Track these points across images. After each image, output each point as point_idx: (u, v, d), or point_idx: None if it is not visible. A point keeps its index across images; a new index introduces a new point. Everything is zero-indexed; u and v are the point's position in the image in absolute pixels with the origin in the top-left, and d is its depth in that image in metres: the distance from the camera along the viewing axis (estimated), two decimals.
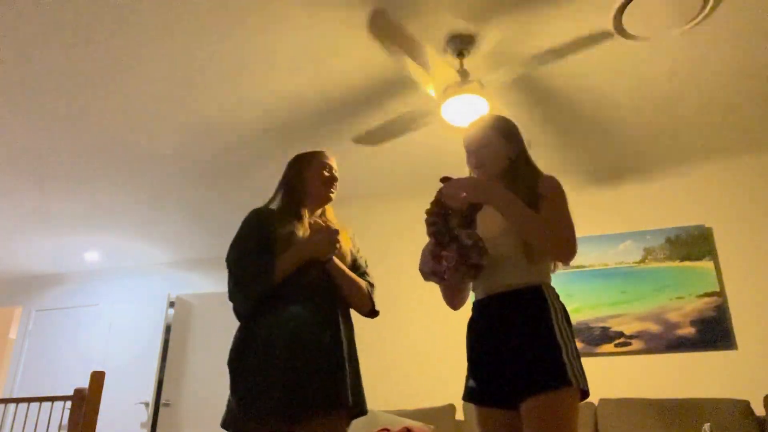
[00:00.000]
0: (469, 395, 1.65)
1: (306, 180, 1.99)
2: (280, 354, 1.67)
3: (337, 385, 1.70)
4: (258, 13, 2.64)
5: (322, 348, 1.73)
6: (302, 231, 1.88)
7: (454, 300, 1.76)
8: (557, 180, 1.66)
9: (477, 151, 1.75)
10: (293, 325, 1.73)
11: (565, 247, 1.56)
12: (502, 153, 1.73)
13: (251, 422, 1.65)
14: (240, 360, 1.74)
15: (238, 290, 1.79)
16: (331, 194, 2.02)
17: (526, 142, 1.79)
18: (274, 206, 1.97)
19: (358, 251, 2.06)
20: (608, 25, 2.66)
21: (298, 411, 1.64)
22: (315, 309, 1.78)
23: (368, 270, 2.05)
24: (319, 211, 2.04)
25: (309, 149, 2.10)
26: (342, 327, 1.83)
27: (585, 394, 1.54)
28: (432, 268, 1.61)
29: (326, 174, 2.00)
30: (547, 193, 1.61)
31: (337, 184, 2.04)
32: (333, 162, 2.05)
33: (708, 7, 2.55)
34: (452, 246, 1.58)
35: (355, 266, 1.99)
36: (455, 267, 1.56)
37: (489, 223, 1.65)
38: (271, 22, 2.69)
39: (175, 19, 2.66)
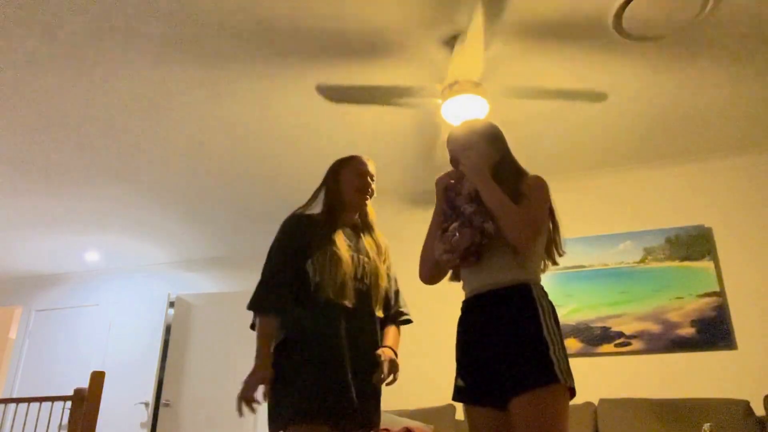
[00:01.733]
0: (458, 394, 1.66)
1: (340, 187, 1.99)
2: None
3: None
4: None
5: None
6: (338, 238, 1.89)
7: (427, 265, 1.77)
8: (542, 179, 1.68)
9: (460, 154, 1.77)
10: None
11: (518, 231, 1.56)
12: (485, 156, 1.74)
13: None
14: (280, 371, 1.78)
15: (253, 307, 1.84)
16: (364, 201, 2.01)
17: None
18: (313, 211, 1.99)
19: (393, 278, 2.07)
20: (609, 24, 2.66)
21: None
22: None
23: (399, 294, 2.10)
24: (356, 218, 2.04)
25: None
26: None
27: (572, 392, 1.54)
28: (443, 248, 1.64)
29: (358, 181, 1.99)
30: (528, 191, 1.64)
31: (373, 189, 2.03)
32: (370, 166, 2.04)
33: (708, 7, 2.55)
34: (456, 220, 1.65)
35: (389, 301, 2.02)
36: (461, 231, 1.60)
37: None
38: None
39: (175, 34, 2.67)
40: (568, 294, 3.92)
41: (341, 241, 1.89)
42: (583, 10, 2.62)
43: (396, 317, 2.06)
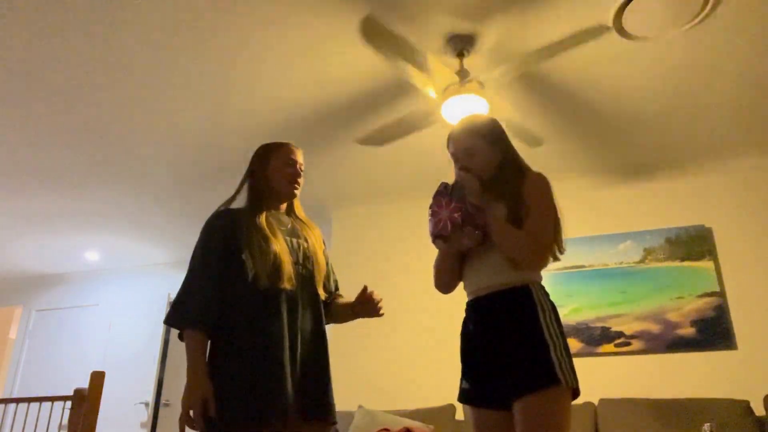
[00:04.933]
0: (462, 396, 1.65)
1: (269, 174, 1.89)
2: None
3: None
4: (250, 17, 2.66)
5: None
6: (269, 225, 1.80)
7: (442, 277, 1.75)
8: (544, 179, 1.65)
9: (464, 159, 1.73)
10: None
11: (532, 260, 1.59)
12: (490, 159, 1.72)
13: None
14: None
15: (171, 323, 1.74)
16: (294, 191, 1.91)
17: None
18: (238, 204, 1.89)
19: (330, 265, 2.00)
20: (607, 21, 2.65)
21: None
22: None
23: (338, 282, 2.03)
24: (284, 206, 1.95)
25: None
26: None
27: (575, 392, 1.53)
28: (432, 230, 1.66)
29: (289, 170, 1.90)
30: (531, 201, 1.60)
31: (302, 180, 1.93)
32: (299, 155, 1.93)
33: (708, 8, 2.55)
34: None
35: (330, 276, 1.96)
36: (449, 217, 1.61)
37: None
38: (264, 25, 2.71)
39: (170, 27, 2.67)
40: (568, 294, 3.92)
41: (273, 227, 1.80)
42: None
43: (338, 297, 2.01)
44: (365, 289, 1.87)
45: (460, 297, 1.75)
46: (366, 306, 1.87)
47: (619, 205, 4.11)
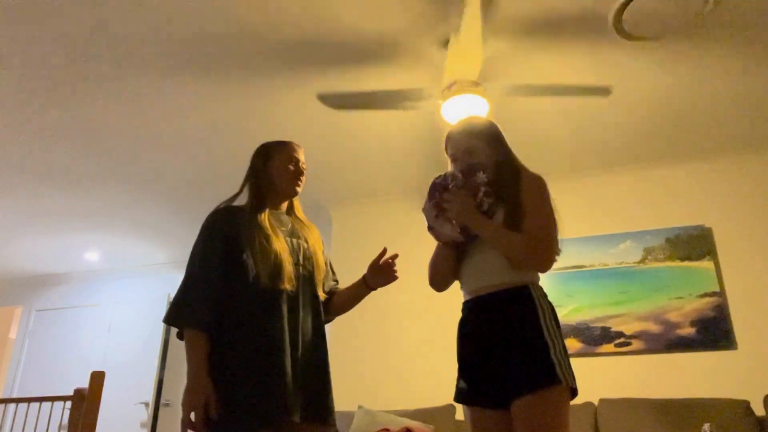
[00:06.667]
0: (459, 396, 1.66)
1: (272, 172, 1.90)
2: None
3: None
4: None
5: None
6: (270, 224, 1.79)
7: (437, 275, 1.77)
8: (540, 179, 1.66)
9: (464, 159, 1.74)
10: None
11: (541, 262, 1.60)
12: (489, 160, 1.73)
13: None
14: None
15: (171, 322, 1.71)
16: (297, 189, 1.92)
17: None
18: (240, 202, 1.88)
19: (330, 264, 2.01)
20: (609, 21, 2.66)
21: None
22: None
23: (336, 276, 2.05)
24: (284, 205, 1.95)
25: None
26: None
27: (574, 392, 1.54)
28: (427, 222, 1.74)
29: (292, 168, 1.90)
30: (528, 202, 1.61)
31: (304, 178, 1.94)
32: (301, 154, 1.94)
33: (708, 7, 2.55)
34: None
35: (329, 276, 1.97)
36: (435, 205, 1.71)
37: None
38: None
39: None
40: (568, 294, 3.92)
41: (273, 227, 1.80)
42: (583, 6, 2.62)
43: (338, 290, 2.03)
44: (382, 253, 1.90)
45: (459, 297, 1.75)
46: (381, 273, 1.90)
47: (619, 205, 4.11)
